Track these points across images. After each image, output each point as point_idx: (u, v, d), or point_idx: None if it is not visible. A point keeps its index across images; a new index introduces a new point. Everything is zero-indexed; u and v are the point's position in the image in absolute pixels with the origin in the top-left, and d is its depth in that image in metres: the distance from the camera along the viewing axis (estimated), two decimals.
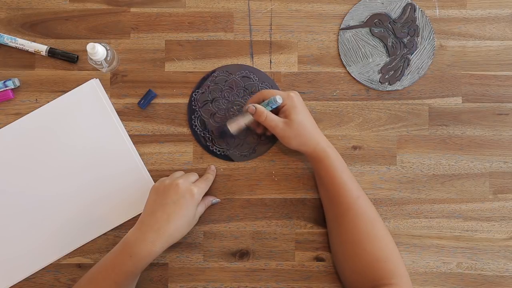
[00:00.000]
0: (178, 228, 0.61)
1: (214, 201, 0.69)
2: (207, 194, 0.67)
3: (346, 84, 0.71)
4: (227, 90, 0.70)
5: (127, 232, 0.61)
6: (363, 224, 0.61)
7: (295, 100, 0.63)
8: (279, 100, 0.62)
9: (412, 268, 0.70)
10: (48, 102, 0.70)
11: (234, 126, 0.66)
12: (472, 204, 0.70)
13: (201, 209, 0.65)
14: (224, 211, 0.70)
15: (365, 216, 0.62)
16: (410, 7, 0.71)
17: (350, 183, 0.63)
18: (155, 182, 0.66)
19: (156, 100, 0.71)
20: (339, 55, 0.71)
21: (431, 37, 0.71)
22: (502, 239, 0.70)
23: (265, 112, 0.62)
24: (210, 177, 0.67)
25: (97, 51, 0.62)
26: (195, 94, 0.70)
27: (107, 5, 0.71)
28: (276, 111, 0.64)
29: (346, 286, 0.65)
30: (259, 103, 0.64)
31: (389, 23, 0.71)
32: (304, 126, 0.63)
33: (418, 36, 0.71)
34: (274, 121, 0.62)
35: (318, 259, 0.69)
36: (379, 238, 0.61)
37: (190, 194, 0.61)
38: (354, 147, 0.71)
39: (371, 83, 0.71)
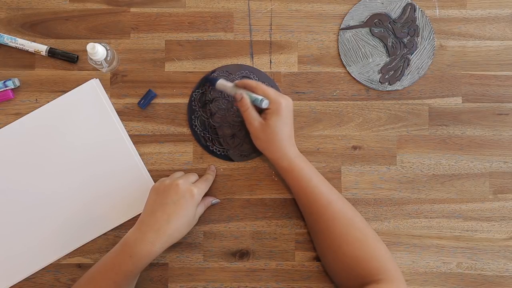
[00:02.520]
0: (178, 228, 0.61)
1: (214, 201, 0.69)
2: (207, 194, 0.67)
3: (346, 84, 0.71)
4: None
5: (127, 232, 0.61)
6: (339, 228, 0.61)
7: (281, 108, 0.62)
8: (265, 105, 0.61)
9: (412, 268, 0.70)
10: (48, 102, 0.70)
11: (221, 85, 0.66)
12: (472, 204, 0.70)
13: (201, 209, 0.65)
14: (224, 211, 0.70)
15: (339, 220, 0.61)
16: (410, 7, 0.71)
17: (321, 189, 0.62)
18: (155, 182, 0.66)
19: (156, 100, 0.71)
20: (339, 55, 0.71)
21: (431, 37, 0.71)
22: (502, 239, 0.70)
23: (248, 105, 0.62)
24: (210, 177, 0.67)
25: (97, 51, 0.62)
26: (195, 94, 0.70)
27: (107, 5, 0.71)
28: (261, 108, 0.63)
29: (337, 285, 0.66)
30: (250, 89, 0.63)
31: (389, 23, 0.71)
32: (277, 135, 0.62)
33: (418, 36, 0.71)
34: (252, 118, 0.63)
35: (318, 259, 0.69)
36: (357, 239, 0.61)
37: (190, 195, 0.61)
38: (354, 147, 0.71)
39: (371, 83, 0.71)
